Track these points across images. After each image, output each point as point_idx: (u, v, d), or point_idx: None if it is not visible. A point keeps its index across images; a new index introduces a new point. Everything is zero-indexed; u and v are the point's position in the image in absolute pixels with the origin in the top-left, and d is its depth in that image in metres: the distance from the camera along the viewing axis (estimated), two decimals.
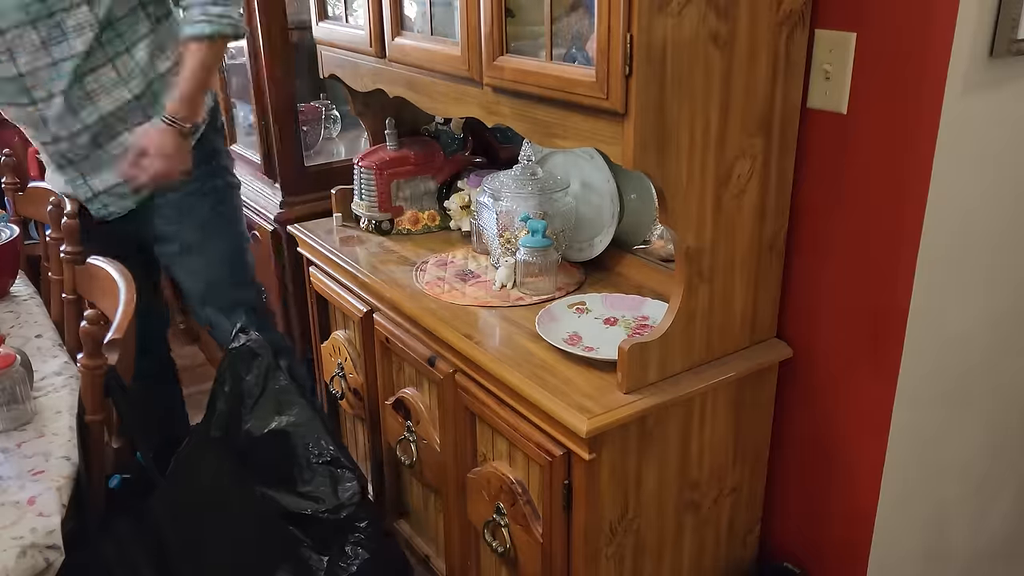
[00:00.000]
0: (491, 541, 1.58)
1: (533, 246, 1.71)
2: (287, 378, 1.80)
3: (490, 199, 1.83)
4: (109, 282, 1.66)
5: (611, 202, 1.78)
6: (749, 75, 1.33)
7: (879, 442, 1.50)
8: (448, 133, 2.22)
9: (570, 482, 1.39)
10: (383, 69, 1.86)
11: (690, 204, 1.35)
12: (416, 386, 1.81)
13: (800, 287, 1.56)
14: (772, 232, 1.49)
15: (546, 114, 1.40)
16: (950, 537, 1.74)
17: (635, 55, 1.19)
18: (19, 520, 1.23)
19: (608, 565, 1.47)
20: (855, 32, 1.37)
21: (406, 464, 1.86)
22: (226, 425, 1.76)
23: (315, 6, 2.07)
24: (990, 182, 1.43)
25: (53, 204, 1.92)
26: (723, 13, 1.25)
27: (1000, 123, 1.39)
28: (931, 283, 1.41)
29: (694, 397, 1.46)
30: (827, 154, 1.45)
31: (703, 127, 1.31)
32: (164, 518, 1.46)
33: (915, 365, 1.46)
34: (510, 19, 1.46)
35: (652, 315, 1.61)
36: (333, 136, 2.83)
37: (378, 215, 2.09)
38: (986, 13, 1.27)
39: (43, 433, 1.43)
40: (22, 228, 2.10)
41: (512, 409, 1.48)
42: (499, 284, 1.77)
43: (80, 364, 1.38)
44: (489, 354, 1.52)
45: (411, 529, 2.08)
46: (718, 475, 1.59)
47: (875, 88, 1.36)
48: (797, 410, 1.63)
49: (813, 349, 1.57)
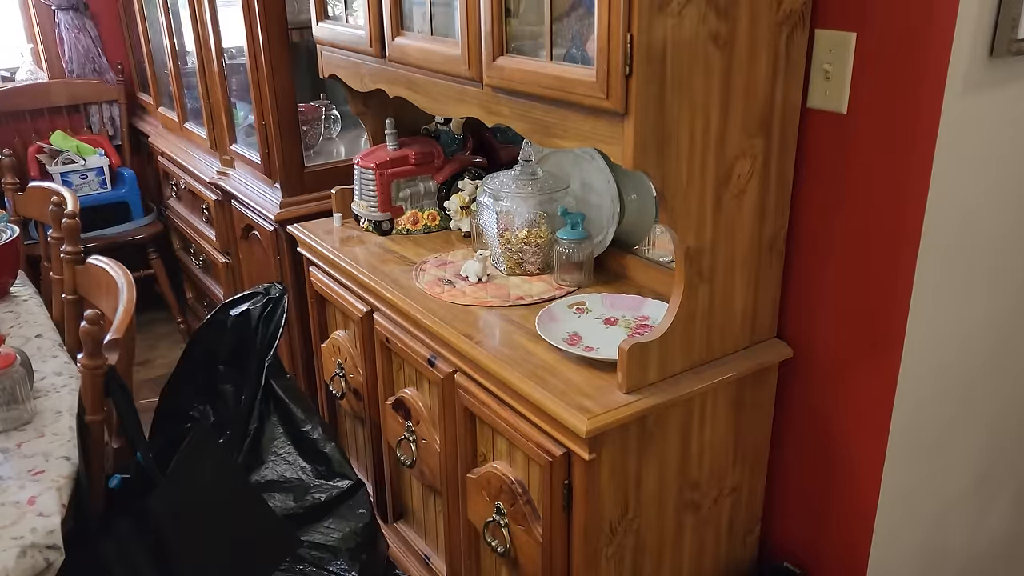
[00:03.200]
0: (491, 541, 1.58)
1: (571, 238, 1.72)
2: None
3: (490, 199, 1.83)
4: (109, 282, 1.66)
5: (611, 202, 1.78)
6: (749, 75, 1.33)
7: (879, 442, 1.50)
8: (448, 133, 2.22)
9: (570, 482, 1.39)
10: (383, 69, 1.86)
11: (690, 204, 1.35)
12: (416, 386, 1.81)
13: (800, 287, 1.56)
14: (772, 232, 1.49)
15: (546, 114, 1.40)
16: (950, 537, 1.74)
17: (635, 55, 1.19)
18: (19, 520, 1.23)
19: (608, 565, 1.47)
20: (855, 32, 1.37)
21: (406, 464, 1.86)
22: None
23: (315, 6, 2.07)
24: (990, 182, 1.43)
25: (54, 204, 1.92)
26: (723, 13, 1.25)
27: (1000, 123, 1.39)
28: (931, 283, 1.41)
29: (694, 397, 1.46)
30: (827, 154, 1.45)
31: (703, 127, 1.31)
32: (164, 518, 1.46)
33: (915, 365, 1.46)
34: (510, 19, 1.46)
35: (652, 315, 1.61)
36: (333, 136, 2.83)
37: (378, 215, 2.09)
38: (986, 13, 1.27)
39: (43, 433, 1.43)
40: (22, 228, 2.11)
41: (512, 409, 1.48)
42: (475, 277, 1.79)
43: (80, 364, 1.38)
44: (489, 354, 1.52)
45: (411, 529, 2.08)
46: (718, 475, 1.59)
47: (875, 88, 1.36)
48: (797, 410, 1.63)
49: (813, 349, 1.57)
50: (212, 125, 2.82)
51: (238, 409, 1.93)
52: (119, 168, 3.57)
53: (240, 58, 2.45)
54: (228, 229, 2.80)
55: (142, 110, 3.72)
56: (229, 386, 1.94)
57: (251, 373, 1.92)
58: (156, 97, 3.47)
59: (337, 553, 1.77)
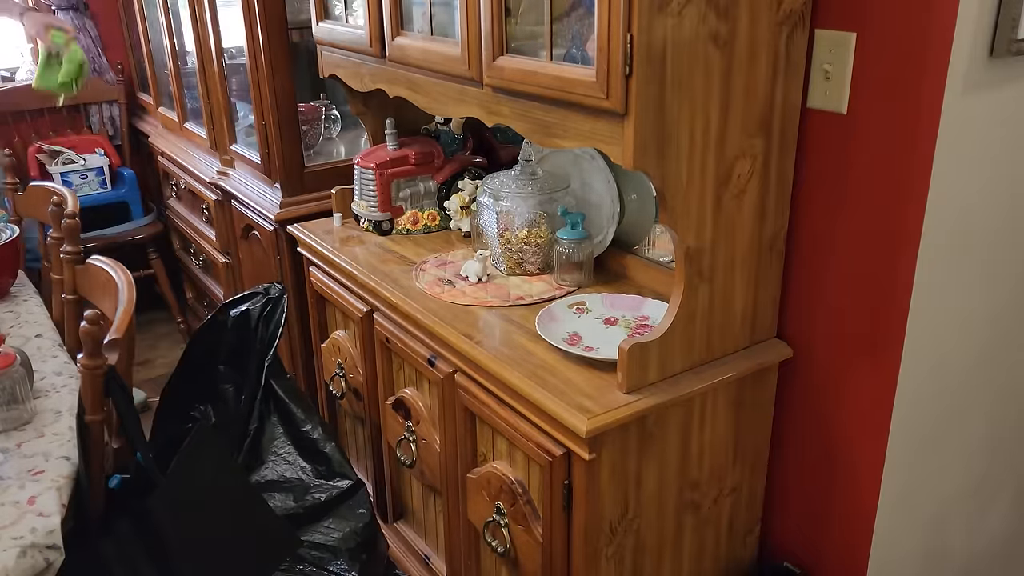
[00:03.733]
0: (491, 541, 1.58)
1: (571, 238, 1.72)
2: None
3: (490, 199, 1.83)
4: (109, 282, 1.66)
5: (611, 202, 1.78)
6: (749, 75, 1.33)
7: (879, 442, 1.50)
8: (448, 133, 2.22)
9: (570, 482, 1.39)
10: (383, 69, 1.86)
11: (690, 204, 1.35)
12: (416, 386, 1.81)
13: (800, 287, 1.56)
14: (772, 232, 1.49)
15: (546, 114, 1.40)
16: (950, 537, 1.74)
17: (635, 55, 1.19)
18: (19, 520, 1.23)
19: (608, 565, 1.47)
20: (855, 32, 1.36)
21: (406, 464, 1.86)
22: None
23: (315, 6, 2.07)
24: (990, 181, 1.43)
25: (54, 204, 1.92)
26: (723, 13, 1.25)
27: (1000, 123, 1.38)
28: (931, 283, 1.41)
29: (694, 397, 1.46)
30: (827, 154, 1.45)
31: (703, 127, 1.31)
32: (164, 518, 1.46)
33: (915, 365, 1.46)
34: (510, 19, 1.46)
35: (652, 315, 1.61)
36: (333, 136, 2.83)
37: (378, 215, 2.09)
38: (986, 13, 1.27)
39: (43, 433, 1.43)
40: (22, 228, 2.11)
41: (512, 409, 1.48)
42: (475, 277, 1.79)
43: (80, 364, 1.38)
44: (489, 354, 1.52)
45: (411, 529, 2.08)
46: (718, 475, 1.59)
47: (875, 88, 1.36)
48: (797, 410, 1.63)
49: (813, 349, 1.57)
50: (212, 125, 2.81)
51: (238, 409, 1.93)
52: (119, 168, 3.57)
53: (240, 58, 2.45)
54: (228, 229, 2.80)
55: (142, 110, 3.72)
56: (229, 386, 1.95)
57: (251, 373, 1.92)
58: (156, 97, 3.47)
59: (337, 553, 1.77)
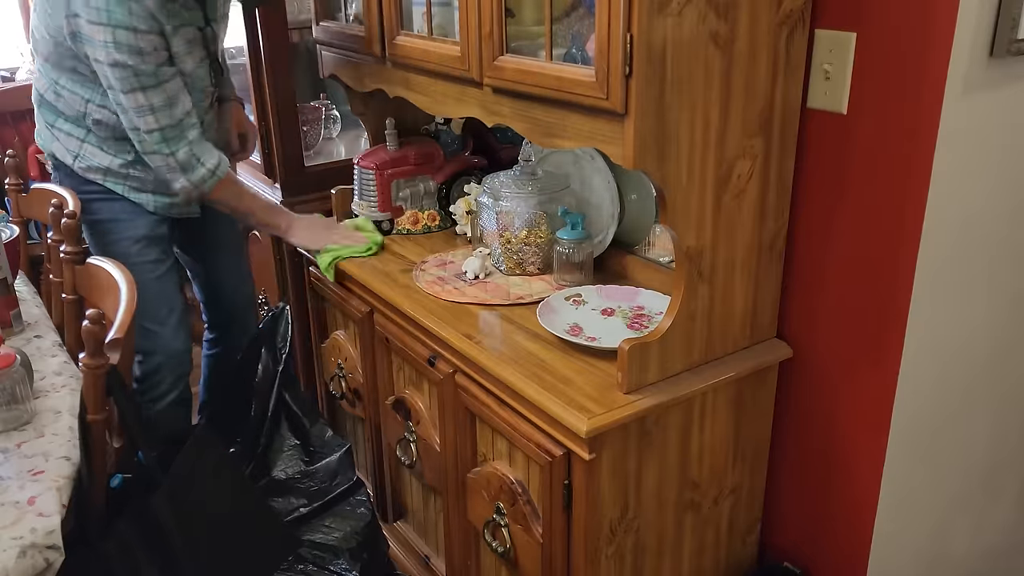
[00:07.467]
0: (491, 541, 1.58)
1: (571, 238, 1.73)
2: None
3: (490, 199, 1.83)
4: (109, 282, 1.65)
5: (611, 202, 1.78)
6: (749, 75, 1.33)
7: (879, 442, 1.50)
8: (448, 133, 2.22)
9: (570, 482, 1.39)
10: (383, 69, 1.86)
11: (690, 204, 1.35)
12: (416, 386, 1.81)
13: (800, 287, 1.56)
14: (772, 232, 1.49)
15: (546, 114, 1.40)
16: (950, 538, 1.74)
17: (635, 55, 1.19)
18: (19, 520, 1.23)
19: (608, 565, 1.47)
20: (855, 32, 1.36)
21: (406, 464, 1.86)
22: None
23: (315, 6, 2.07)
24: (990, 181, 1.43)
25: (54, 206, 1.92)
26: (723, 13, 1.25)
27: (1000, 123, 1.38)
28: (931, 283, 1.41)
29: (694, 397, 1.46)
30: (827, 154, 1.45)
31: (703, 127, 1.31)
32: (165, 517, 1.46)
33: (915, 365, 1.46)
34: (510, 19, 1.46)
35: (648, 304, 1.62)
36: (333, 136, 2.83)
37: (378, 215, 2.09)
38: (986, 13, 1.27)
39: (43, 433, 1.43)
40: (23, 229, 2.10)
41: (512, 409, 1.48)
42: (472, 274, 1.79)
43: (82, 363, 1.38)
44: (489, 354, 1.52)
45: (411, 529, 2.08)
46: (718, 475, 1.59)
47: (875, 88, 1.36)
48: (797, 410, 1.63)
49: (813, 349, 1.57)
50: None
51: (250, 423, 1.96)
52: None
53: (240, 58, 2.45)
54: None
55: None
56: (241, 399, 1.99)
57: (264, 391, 1.96)
58: None
59: (338, 553, 1.77)
